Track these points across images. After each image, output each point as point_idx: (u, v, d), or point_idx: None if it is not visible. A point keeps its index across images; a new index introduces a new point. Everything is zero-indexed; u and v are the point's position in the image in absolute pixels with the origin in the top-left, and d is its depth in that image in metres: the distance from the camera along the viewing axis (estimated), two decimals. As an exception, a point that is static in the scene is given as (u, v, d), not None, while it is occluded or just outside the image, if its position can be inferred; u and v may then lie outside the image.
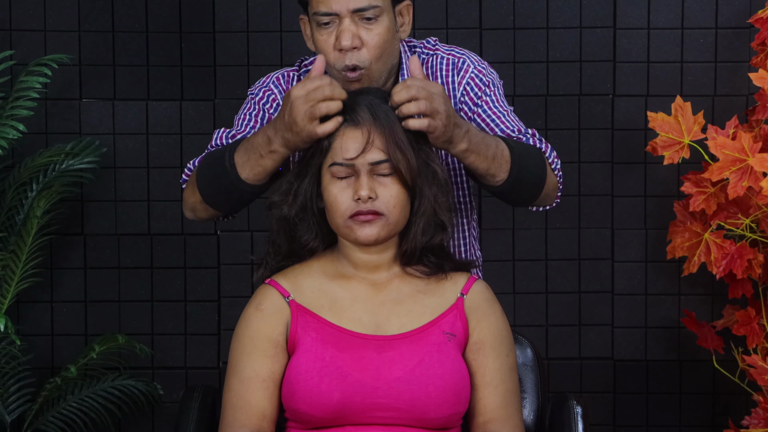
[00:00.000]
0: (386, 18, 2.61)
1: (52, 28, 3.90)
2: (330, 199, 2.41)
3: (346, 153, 2.39)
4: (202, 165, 2.66)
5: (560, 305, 3.96)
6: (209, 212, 2.69)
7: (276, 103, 2.73)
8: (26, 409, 3.79)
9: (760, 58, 3.59)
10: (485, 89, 2.72)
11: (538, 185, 2.65)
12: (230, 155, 2.56)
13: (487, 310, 2.48)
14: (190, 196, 2.70)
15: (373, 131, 2.39)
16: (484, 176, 2.56)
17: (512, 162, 2.56)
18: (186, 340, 3.97)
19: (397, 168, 2.39)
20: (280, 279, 2.49)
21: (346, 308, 2.45)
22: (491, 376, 2.45)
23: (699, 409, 3.98)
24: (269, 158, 2.50)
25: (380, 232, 2.41)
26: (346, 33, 2.58)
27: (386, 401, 2.37)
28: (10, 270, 3.66)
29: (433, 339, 2.42)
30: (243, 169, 2.53)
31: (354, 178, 2.39)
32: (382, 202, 2.39)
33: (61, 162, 3.77)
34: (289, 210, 2.46)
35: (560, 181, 2.75)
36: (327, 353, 2.39)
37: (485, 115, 2.71)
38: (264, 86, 2.76)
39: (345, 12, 2.58)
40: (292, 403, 2.39)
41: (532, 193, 2.66)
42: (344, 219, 2.41)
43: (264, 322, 2.44)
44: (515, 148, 2.59)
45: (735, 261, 3.50)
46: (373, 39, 2.59)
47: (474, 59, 2.75)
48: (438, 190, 2.45)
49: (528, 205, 2.72)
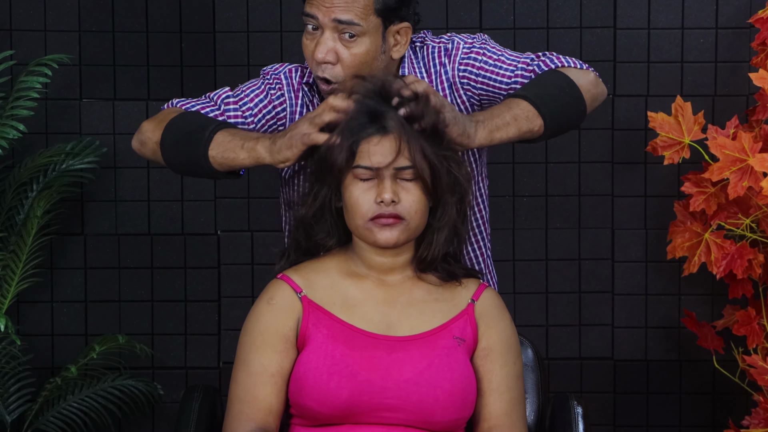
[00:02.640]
0: (368, 40, 2.60)
1: (52, 28, 3.90)
2: (351, 200, 2.41)
3: (373, 158, 2.38)
4: (184, 117, 2.64)
5: (560, 305, 3.96)
6: (157, 157, 2.66)
7: (281, 93, 2.74)
8: (26, 409, 3.79)
9: (760, 58, 3.59)
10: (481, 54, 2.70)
11: (577, 100, 2.62)
12: (215, 129, 2.56)
13: (497, 317, 2.49)
14: (149, 131, 2.67)
15: (402, 139, 2.38)
16: (524, 138, 2.56)
17: (537, 107, 2.54)
18: (186, 340, 3.97)
19: (420, 175, 2.39)
20: (292, 274, 2.48)
21: (358, 307, 2.45)
22: (498, 382, 2.45)
23: (699, 409, 3.98)
24: (245, 152, 2.50)
25: (400, 236, 2.41)
26: (322, 46, 2.58)
27: (394, 402, 2.37)
28: (11, 270, 3.66)
29: (443, 343, 2.42)
30: (216, 147, 2.53)
31: (377, 181, 2.39)
32: (404, 206, 2.39)
33: (62, 162, 3.77)
34: (308, 210, 2.46)
35: (594, 72, 2.70)
36: (337, 351, 2.39)
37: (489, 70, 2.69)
38: (275, 73, 2.77)
39: (327, 21, 2.58)
40: (300, 399, 2.39)
41: (578, 108, 2.63)
42: (365, 221, 2.40)
43: (275, 317, 2.44)
44: (529, 91, 2.57)
45: (735, 261, 3.50)
46: (348, 58, 2.59)
47: (461, 36, 2.75)
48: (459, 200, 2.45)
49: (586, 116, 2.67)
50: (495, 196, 3.65)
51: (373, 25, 2.59)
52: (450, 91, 2.72)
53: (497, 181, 3.73)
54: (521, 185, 3.93)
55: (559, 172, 3.92)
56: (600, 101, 2.72)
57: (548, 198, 3.94)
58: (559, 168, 3.92)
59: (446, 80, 2.72)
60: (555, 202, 3.95)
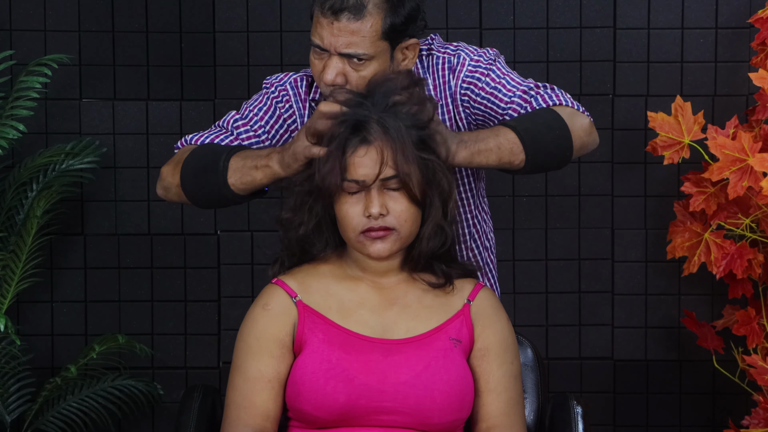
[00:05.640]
0: (376, 63, 2.60)
1: (52, 28, 3.90)
2: (341, 214, 2.42)
3: (360, 170, 2.38)
4: (194, 154, 2.66)
5: (560, 305, 3.96)
6: (182, 198, 2.69)
7: (289, 105, 2.75)
8: (26, 409, 3.79)
9: (760, 58, 3.59)
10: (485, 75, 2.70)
11: (565, 145, 2.60)
12: (227, 157, 2.57)
13: (493, 317, 2.49)
14: (169, 176, 2.70)
15: (385, 148, 2.38)
16: (502, 168, 2.56)
17: (522, 141, 2.54)
18: (186, 340, 3.97)
19: (406, 183, 2.39)
20: (287, 279, 2.49)
21: (354, 311, 2.45)
22: (495, 382, 2.45)
23: (699, 409, 3.98)
24: (261, 172, 2.53)
25: (392, 247, 2.41)
26: (331, 70, 2.58)
27: (391, 404, 2.37)
28: (10, 270, 3.66)
29: (439, 344, 2.42)
30: (233, 174, 2.56)
31: (365, 193, 2.39)
32: (393, 216, 2.40)
33: (61, 162, 3.77)
34: (306, 228, 2.47)
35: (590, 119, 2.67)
36: (334, 355, 2.39)
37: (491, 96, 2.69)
38: (280, 84, 2.77)
39: (334, 51, 2.58)
40: (297, 403, 2.39)
41: (563, 152, 2.61)
42: (356, 234, 2.41)
43: (271, 322, 2.44)
44: (520, 125, 2.56)
45: (735, 261, 3.50)
46: (358, 80, 2.58)
47: (468, 50, 2.73)
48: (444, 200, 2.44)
49: (570, 160, 2.65)
50: (495, 196, 3.65)
51: (381, 49, 2.60)
52: (452, 106, 2.73)
53: (497, 181, 3.73)
54: (521, 185, 3.93)
55: (559, 172, 3.89)
56: (589, 149, 2.70)
57: (548, 198, 3.94)
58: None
59: (449, 95, 2.72)
60: (555, 202, 3.95)
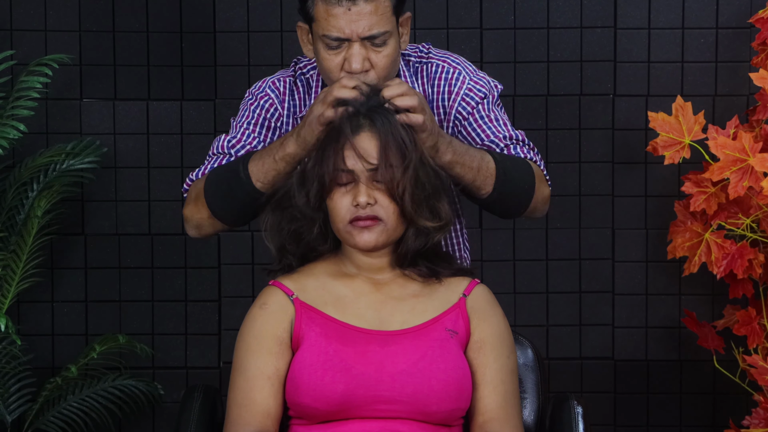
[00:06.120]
0: (393, 39, 2.61)
1: (52, 28, 3.90)
2: (331, 204, 2.47)
3: (347, 160, 2.43)
4: (210, 180, 2.68)
5: (560, 305, 3.96)
6: (217, 227, 2.72)
7: (273, 108, 2.75)
8: (27, 409, 3.79)
9: (760, 58, 3.59)
10: (479, 102, 2.74)
11: (525, 198, 2.68)
12: (244, 166, 2.60)
13: (489, 311, 2.52)
14: (195, 213, 2.73)
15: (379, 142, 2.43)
16: (470, 188, 2.60)
17: (497, 175, 2.59)
18: (186, 340, 3.97)
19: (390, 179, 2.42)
20: (283, 280, 2.53)
21: (350, 305, 2.48)
22: (491, 375, 2.47)
23: (699, 409, 3.98)
24: (282, 161, 2.56)
25: (379, 238, 2.45)
26: (356, 57, 2.58)
27: (389, 394, 2.39)
28: (11, 270, 3.66)
29: (435, 335, 2.45)
30: (258, 177, 2.58)
31: (354, 185, 2.44)
32: (381, 206, 2.44)
33: (62, 162, 3.77)
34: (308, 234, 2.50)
35: (550, 189, 2.76)
36: (331, 347, 2.42)
37: (476, 124, 2.73)
38: (260, 92, 2.78)
39: (356, 37, 2.58)
40: (296, 397, 2.41)
41: (519, 205, 2.69)
42: (344, 224, 2.45)
43: (268, 320, 2.47)
44: (501, 161, 2.61)
45: (735, 261, 3.50)
46: (381, 61, 2.60)
47: (469, 70, 2.76)
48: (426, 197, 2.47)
49: (517, 216, 2.74)
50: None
51: (393, 25, 2.62)
52: (444, 116, 2.76)
53: (497, 181, 3.73)
54: (521, 185, 3.93)
55: (560, 171, 3.91)
56: (533, 216, 2.76)
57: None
58: (560, 168, 3.91)
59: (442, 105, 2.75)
60: (555, 202, 3.93)
